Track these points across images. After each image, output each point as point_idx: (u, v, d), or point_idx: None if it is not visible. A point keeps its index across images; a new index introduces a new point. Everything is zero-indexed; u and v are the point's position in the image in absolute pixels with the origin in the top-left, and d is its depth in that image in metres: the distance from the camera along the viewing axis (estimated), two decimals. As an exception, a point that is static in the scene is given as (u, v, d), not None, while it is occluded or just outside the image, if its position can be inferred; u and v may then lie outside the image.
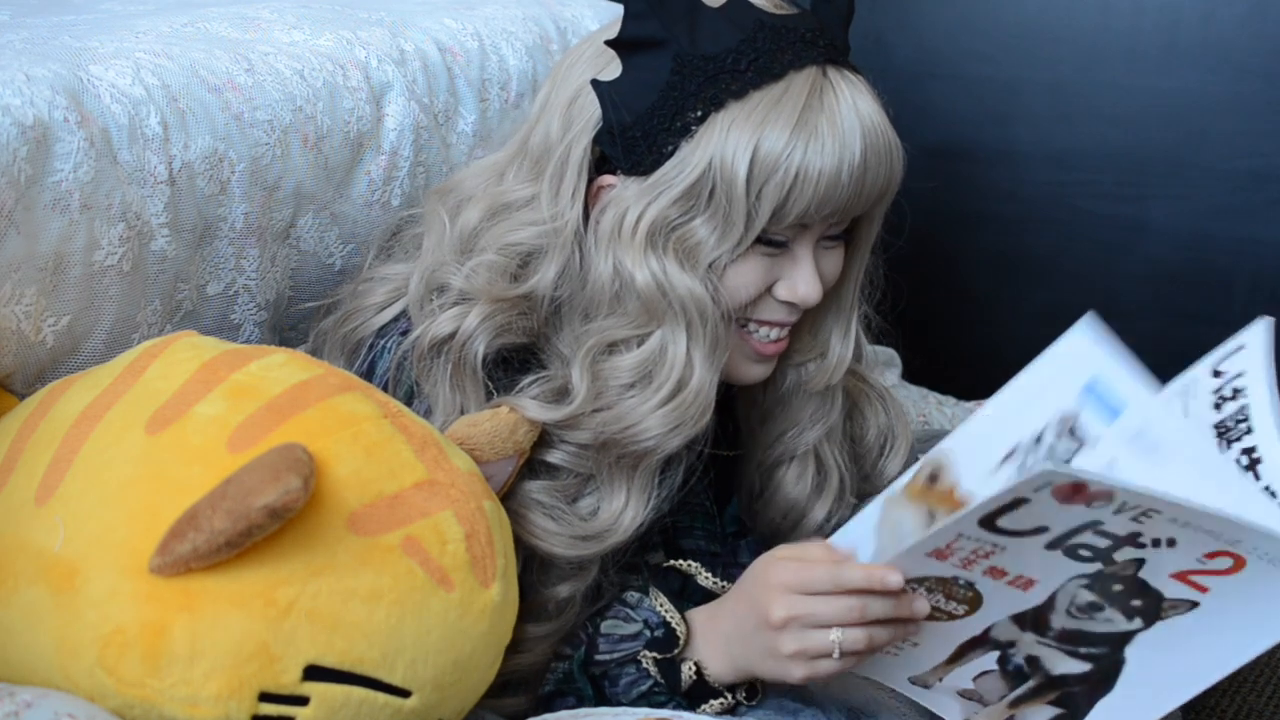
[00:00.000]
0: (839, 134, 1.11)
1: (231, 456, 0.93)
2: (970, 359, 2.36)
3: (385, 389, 1.17)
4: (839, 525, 1.29)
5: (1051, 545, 1.00)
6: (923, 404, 1.92)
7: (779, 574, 1.07)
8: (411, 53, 1.45)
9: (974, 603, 1.06)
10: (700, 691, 1.15)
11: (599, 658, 1.17)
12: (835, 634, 1.05)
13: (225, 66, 1.29)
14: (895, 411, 1.35)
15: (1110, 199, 2.25)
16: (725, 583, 1.21)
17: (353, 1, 1.55)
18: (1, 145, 1.06)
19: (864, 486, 1.35)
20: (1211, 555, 0.98)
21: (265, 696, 0.90)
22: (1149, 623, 1.03)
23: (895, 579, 1.02)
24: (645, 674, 1.16)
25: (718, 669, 1.15)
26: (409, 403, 1.16)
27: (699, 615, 1.17)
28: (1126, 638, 1.05)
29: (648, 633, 1.16)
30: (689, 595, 1.20)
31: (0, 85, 1.10)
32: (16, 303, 1.09)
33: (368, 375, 1.19)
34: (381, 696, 0.93)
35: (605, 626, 1.18)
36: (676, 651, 1.15)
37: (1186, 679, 1.04)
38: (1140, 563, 1.00)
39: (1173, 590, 1.02)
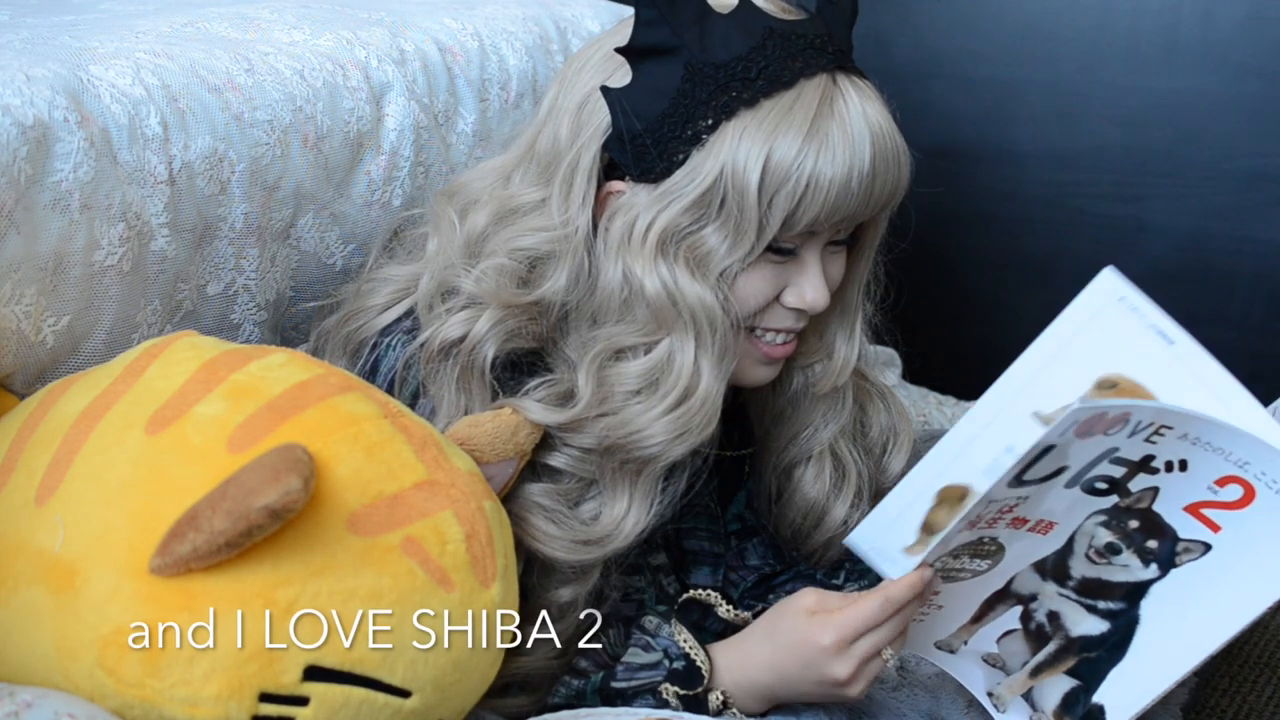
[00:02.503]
0: (850, 141, 1.10)
1: (231, 457, 0.93)
2: (970, 359, 2.36)
3: (390, 389, 1.17)
4: (860, 523, 1.31)
5: (1070, 483, 1.01)
6: (923, 404, 1.92)
7: (827, 634, 1.08)
8: (411, 53, 1.45)
9: (997, 555, 1.07)
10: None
11: (616, 685, 1.16)
12: (888, 652, 1.09)
13: (225, 66, 1.29)
14: (897, 409, 1.35)
15: (1110, 199, 2.25)
16: (744, 613, 1.20)
17: (353, 1, 1.55)
18: (1, 145, 1.06)
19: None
20: (1222, 482, 0.99)
21: (265, 697, 0.90)
22: (1165, 570, 1.05)
23: (929, 575, 1.07)
24: (664, 704, 1.15)
25: (749, 706, 1.15)
26: (414, 403, 1.16)
27: (723, 657, 1.16)
28: (1143, 590, 1.06)
29: (667, 663, 1.15)
30: (708, 627, 1.19)
31: (0, 85, 1.10)
32: (16, 303, 1.09)
33: (371, 375, 1.19)
34: (381, 697, 0.93)
35: (625, 655, 1.17)
36: (701, 689, 1.14)
37: (1195, 642, 1.05)
38: (1155, 493, 1.01)
39: (1186, 528, 1.03)
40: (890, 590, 1.07)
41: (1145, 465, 1.00)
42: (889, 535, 1.11)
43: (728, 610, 1.18)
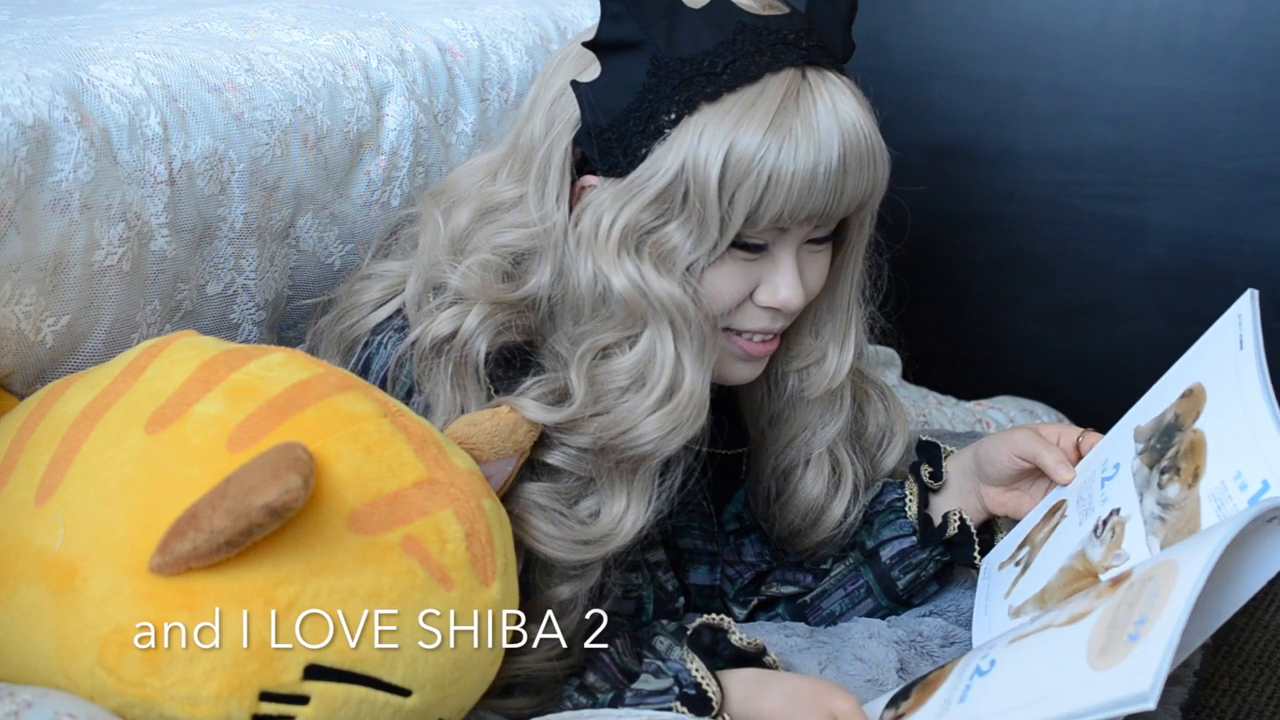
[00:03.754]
0: (814, 137, 1.10)
1: (231, 456, 0.93)
2: (970, 359, 2.37)
3: (382, 386, 1.17)
4: (857, 520, 1.30)
5: None
6: (923, 404, 1.92)
7: None
8: (411, 53, 1.45)
9: None
10: None
11: (624, 709, 1.16)
12: None
13: (225, 66, 1.29)
14: (894, 408, 1.35)
15: (1110, 199, 2.25)
16: (757, 639, 1.19)
17: (353, 1, 1.55)
18: (1, 145, 1.06)
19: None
20: None
21: (266, 695, 0.90)
22: None
23: None
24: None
25: None
26: (407, 401, 1.16)
27: (734, 689, 1.14)
28: None
29: (677, 689, 1.14)
30: (719, 652, 1.19)
31: (0, 85, 1.10)
32: (16, 303, 1.09)
33: (363, 372, 1.19)
34: (382, 695, 0.93)
35: (635, 682, 1.16)
36: (711, 717, 1.13)
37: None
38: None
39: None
40: None
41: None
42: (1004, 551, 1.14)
43: (741, 638, 1.17)
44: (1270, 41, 2.11)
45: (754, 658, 1.17)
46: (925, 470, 1.32)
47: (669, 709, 1.13)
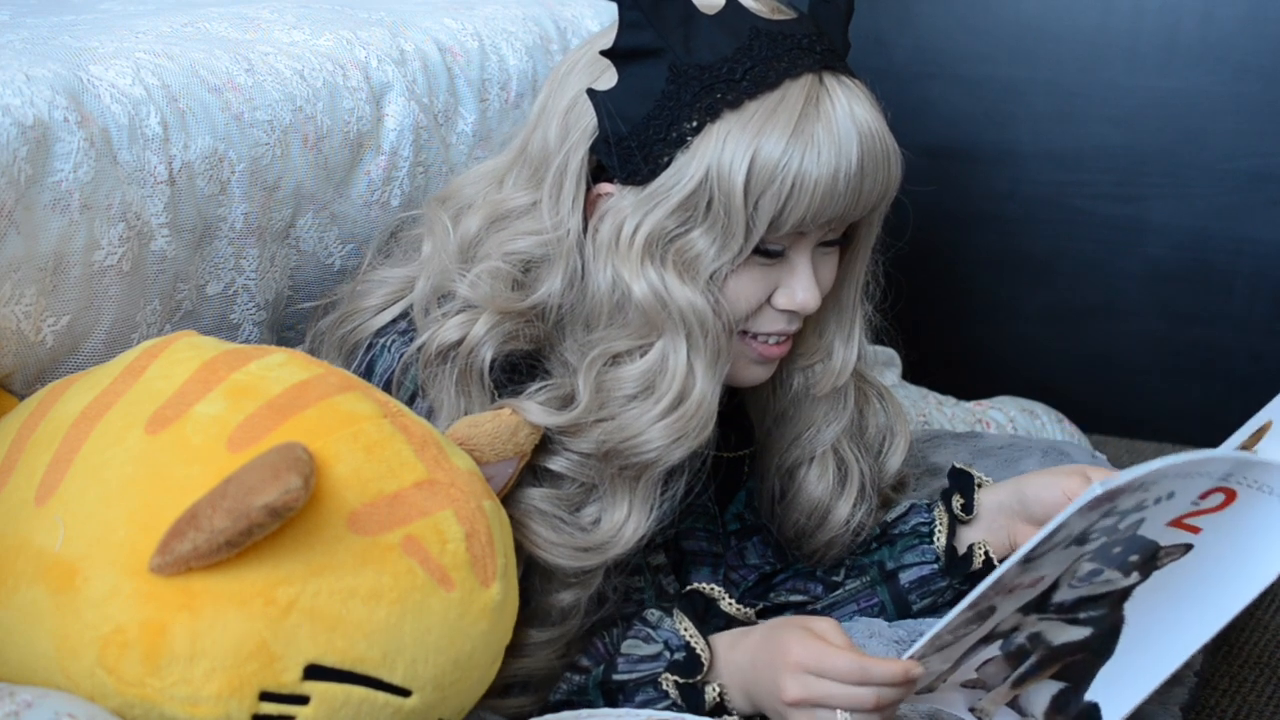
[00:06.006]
0: (835, 141, 1.10)
1: (231, 456, 0.93)
2: (970, 359, 2.37)
3: (386, 390, 1.17)
4: (863, 522, 1.30)
5: (1069, 545, 1.01)
6: (923, 404, 1.92)
7: (798, 651, 1.07)
8: (411, 53, 1.45)
9: (987, 616, 1.07)
10: (718, 711, 1.15)
11: (617, 677, 1.16)
12: (843, 716, 1.05)
13: (225, 66, 1.29)
14: (894, 409, 1.35)
15: (1110, 199, 2.25)
16: (747, 608, 1.20)
17: (353, 1, 1.55)
18: (1, 145, 1.06)
19: None
20: (1205, 495, 0.99)
21: (266, 695, 0.90)
22: (1146, 575, 1.04)
23: (918, 671, 1.03)
24: (664, 695, 1.15)
25: (738, 701, 1.14)
26: (410, 406, 1.16)
27: (721, 642, 1.16)
28: (1125, 594, 1.06)
29: (668, 654, 1.15)
30: (710, 620, 1.19)
31: (0, 85, 1.10)
32: (16, 303, 1.09)
33: (366, 375, 1.19)
34: (382, 696, 0.93)
35: (625, 646, 1.17)
36: (700, 677, 1.14)
37: (1183, 638, 1.05)
38: (1140, 522, 1.01)
39: (1168, 537, 1.03)
40: (870, 664, 1.04)
41: (1138, 507, 1.00)
42: None
43: (729, 604, 1.18)
44: (1270, 41, 2.11)
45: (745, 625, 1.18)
46: (957, 501, 1.32)
47: (660, 675, 1.14)
